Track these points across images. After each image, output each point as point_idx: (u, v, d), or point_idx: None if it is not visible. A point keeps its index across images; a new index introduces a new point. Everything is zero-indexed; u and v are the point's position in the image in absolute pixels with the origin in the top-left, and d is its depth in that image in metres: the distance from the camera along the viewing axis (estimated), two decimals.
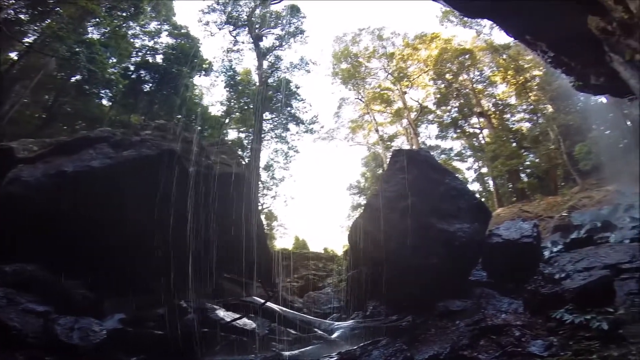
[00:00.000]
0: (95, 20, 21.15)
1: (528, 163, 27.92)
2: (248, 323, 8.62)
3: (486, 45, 31.85)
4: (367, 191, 33.03)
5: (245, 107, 29.60)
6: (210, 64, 28.08)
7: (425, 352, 6.20)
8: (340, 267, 16.96)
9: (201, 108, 26.51)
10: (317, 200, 74.72)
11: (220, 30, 29.48)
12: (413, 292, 8.18)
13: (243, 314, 8.57)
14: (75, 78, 20.90)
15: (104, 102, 23.28)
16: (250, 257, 9.73)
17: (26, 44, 18.30)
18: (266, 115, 29.12)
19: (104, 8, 20.76)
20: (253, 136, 27.88)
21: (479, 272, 9.51)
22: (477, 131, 33.38)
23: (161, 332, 6.87)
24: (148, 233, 8.22)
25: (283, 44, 29.88)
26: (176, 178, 8.56)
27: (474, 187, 31.71)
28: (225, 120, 29.79)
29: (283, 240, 33.89)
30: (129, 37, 25.04)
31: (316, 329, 8.88)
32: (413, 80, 36.04)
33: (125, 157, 9.07)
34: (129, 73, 23.40)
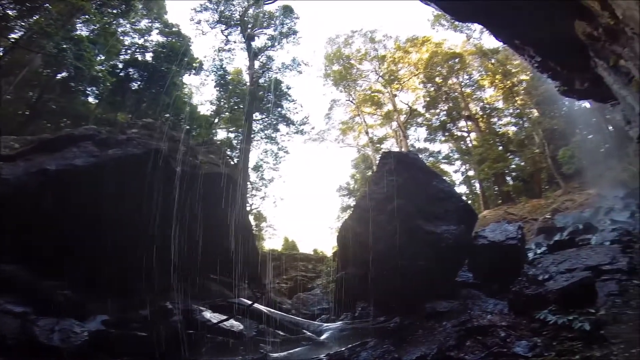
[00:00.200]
0: (85, 17, 20.72)
1: (514, 166, 28.47)
2: (235, 325, 8.55)
3: (476, 49, 32.37)
4: (357, 193, 33.14)
5: (235, 107, 29.36)
6: (200, 63, 27.78)
7: (412, 353, 6.23)
8: (329, 269, 16.93)
9: (190, 107, 26.15)
10: (307, 201, 74.80)
11: (212, 29, 29.20)
12: (401, 294, 8.23)
13: (230, 316, 8.48)
14: (61, 75, 20.41)
15: (90, 100, 22.79)
16: (238, 258, 9.64)
17: (12, 40, 17.80)
18: (256, 115, 28.93)
19: (95, 5, 20.35)
20: (242, 136, 27.67)
21: (465, 273, 9.63)
22: (465, 134, 33.91)
23: (145, 334, 6.75)
24: (133, 233, 8.07)
25: (275, 45, 29.73)
26: (162, 178, 8.43)
27: (461, 190, 32.22)
28: (214, 120, 29.49)
29: (272, 241, 33.82)
30: (119, 35, 24.59)
31: (305, 331, 8.86)
32: (403, 83, 36.38)
33: (110, 156, 8.90)
34: (117, 71, 22.97)
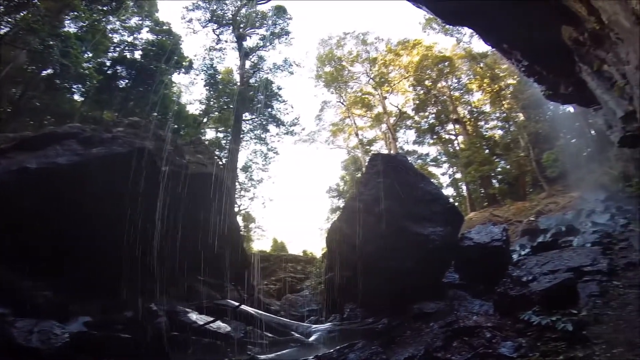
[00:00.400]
0: (73, 13, 20.23)
1: (499, 169, 28.97)
2: (222, 326, 8.48)
3: (465, 53, 32.84)
4: (346, 194, 33.24)
5: (224, 107, 29.08)
6: (190, 62, 27.39)
7: (400, 355, 6.27)
8: (318, 270, 16.92)
9: (178, 106, 25.79)
10: (297, 202, 74.67)
11: (203, 28, 28.92)
12: (389, 295, 8.28)
13: (217, 317, 8.40)
14: (46, 72, 19.89)
15: (76, 98, 22.26)
16: (225, 259, 9.54)
17: None
18: (246, 115, 28.73)
19: (84, 1, 19.90)
20: (231, 136, 27.44)
21: (452, 275, 9.76)
22: (453, 138, 34.34)
23: (128, 336, 6.63)
24: (117, 233, 7.90)
25: (267, 45, 29.57)
26: (148, 177, 8.27)
27: (448, 192, 32.64)
28: (203, 119, 29.16)
29: (261, 242, 33.63)
30: (108, 32, 24.09)
31: (293, 332, 8.84)
32: (394, 85, 36.70)
33: (94, 155, 8.69)
34: (105, 68, 22.50)
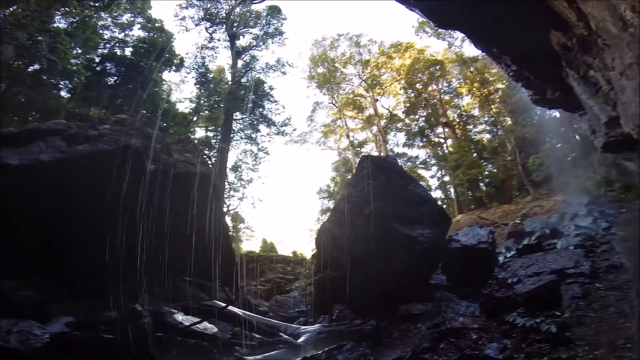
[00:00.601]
0: (64, 9, 19.78)
1: (487, 173, 29.41)
2: (209, 327, 8.38)
3: (456, 57, 33.27)
4: (337, 195, 33.24)
5: (215, 106, 28.80)
6: (181, 60, 26.99)
7: (388, 356, 6.30)
8: (308, 271, 16.90)
9: (168, 104, 25.42)
10: (287, 203, 74.27)
11: (196, 26, 28.51)
12: (377, 296, 8.31)
13: (203, 318, 8.30)
14: (33, 67, 19.40)
15: (63, 94, 21.77)
16: (212, 260, 9.44)
17: None
18: (236, 115, 28.49)
19: None
20: (221, 135, 27.18)
21: (439, 276, 9.86)
22: (442, 141, 34.71)
23: (111, 337, 6.50)
24: (100, 233, 7.74)
25: (260, 44, 29.36)
26: (134, 175, 8.14)
27: (437, 195, 32.92)
28: (193, 118, 28.80)
29: (250, 243, 33.36)
30: (99, 28, 23.65)
31: (281, 333, 8.79)
32: (385, 88, 36.92)
33: (78, 152, 8.51)
34: (94, 65, 22.07)
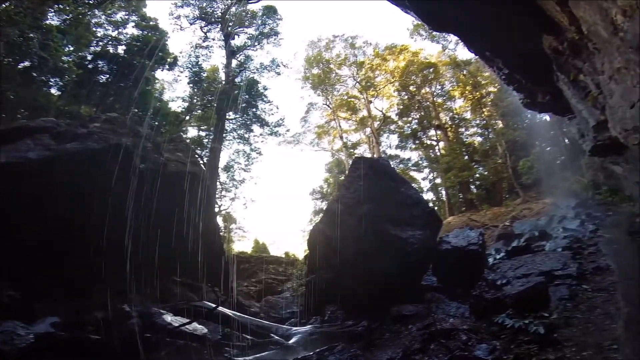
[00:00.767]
0: (58, 6, 19.51)
1: (478, 176, 29.76)
2: (199, 328, 8.31)
3: (450, 60, 33.60)
4: (329, 197, 33.27)
5: (208, 105, 28.62)
6: (175, 58, 26.77)
7: (379, 357, 6.30)
8: (300, 272, 16.83)
9: (160, 103, 25.19)
10: (280, 204, 73.99)
11: (191, 25, 28.39)
12: (369, 297, 8.32)
13: (193, 319, 8.22)
14: (23, 64, 19.07)
15: (53, 91, 21.43)
16: (203, 260, 9.35)
17: None
18: (229, 114, 28.34)
19: None
20: (214, 135, 27.00)
21: (430, 277, 9.91)
22: (434, 143, 35.03)
23: (98, 337, 6.41)
24: (88, 232, 7.61)
25: (255, 44, 29.23)
26: (123, 174, 8.02)
27: (428, 197, 33.14)
28: (185, 117, 28.56)
29: (242, 243, 33.16)
30: (92, 26, 23.38)
31: (272, 334, 8.76)
32: (379, 90, 37.10)
33: (67, 150, 8.36)
34: (85, 62, 21.79)
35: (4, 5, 16.47)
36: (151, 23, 25.38)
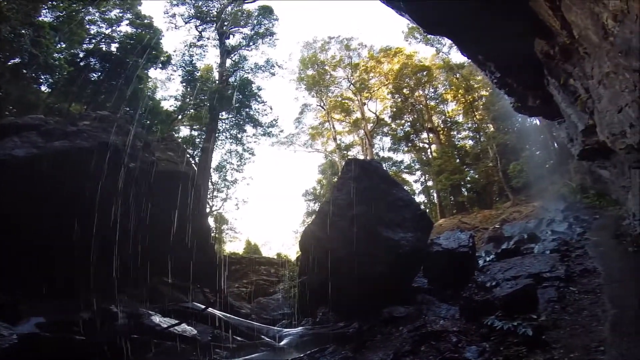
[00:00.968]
0: (52, 2, 19.20)
1: (469, 179, 30.10)
2: (188, 329, 8.21)
3: (443, 63, 33.94)
4: (322, 198, 33.27)
5: (201, 105, 28.39)
6: (168, 57, 26.54)
7: (370, 359, 6.28)
8: (292, 273, 16.75)
9: (152, 101, 24.91)
10: (273, 205, 73.71)
11: (186, 24, 28.17)
12: (360, 299, 8.31)
13: (182, 320, 8.12)
14: (13, 61, 18.71)
15: (43, 89, 21.07)
16: (194, 261, 9.25)
17: None
18: (222, 114, 28.15)
19: None
20: (206, 135, 26.79)
21: (421, 279, 9.94)
22: (426, 146, 35.30)
23: (83, 338, 6.28)
24: (75, 232, 7.46)
25: (250, 44, 29.09)
26: (113, 173, 7.90)
27: (420, 199, 33.42)
28: (177, 116, 28.30)
29: (234, 244, 32.88)
30: (86, 23, 23.03)
31: (263, 336, 8.69)
32: (373, 92, 37.29)
33: (55, 148, 8.21)
34: (78, 60, 21.47)
35: None
36: (146, 21, 25.11)
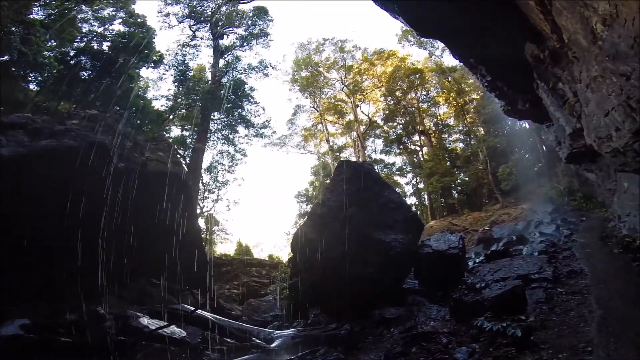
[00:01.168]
0: (44, 0, 18.87)
1: (459, 181, 30.43)
2: (177, 331, 8.13)
3: (436, 66, 34.26)
4: (314, 200, 33.23)
5: (193, 105, 28.12)
6: (161, 56, 26.23)
7: None
8: (284, 275, 16.71)
9: (143, 101, 24.59)
10: (265, 206, 73.38)
11: (180, 23, 27.93)
12: (352, 300, 8.31)
13: (171, 322, 8.02)
14: (1, 58, 18.31)
15: (32, 87, 20.66)
16: (183, 263, 9.13)
17: None
18: (214, 115, 27.94)
19: None
20: (197, 135, 26.54)
21: (412, 280, 9.99)
22: (418, 149, 35.56)
23: (69, 340, 6.15)
24: (61, 233, 7.31)
25: (244, 45, 28.93)
26: (100, 173, 7.76)
27: (411, 201, 33.64)
28: (169, 116, 27.98)
29: (225, 245, 32.59)
30: (78, 22, 22.68)
31: (254, 338, 8.61)
32: (366, 94, 37.47)
33: (42, 147, 8.05)
34: (68, 58, 21.11)
35: None
36: (139, 20, 24.80)
